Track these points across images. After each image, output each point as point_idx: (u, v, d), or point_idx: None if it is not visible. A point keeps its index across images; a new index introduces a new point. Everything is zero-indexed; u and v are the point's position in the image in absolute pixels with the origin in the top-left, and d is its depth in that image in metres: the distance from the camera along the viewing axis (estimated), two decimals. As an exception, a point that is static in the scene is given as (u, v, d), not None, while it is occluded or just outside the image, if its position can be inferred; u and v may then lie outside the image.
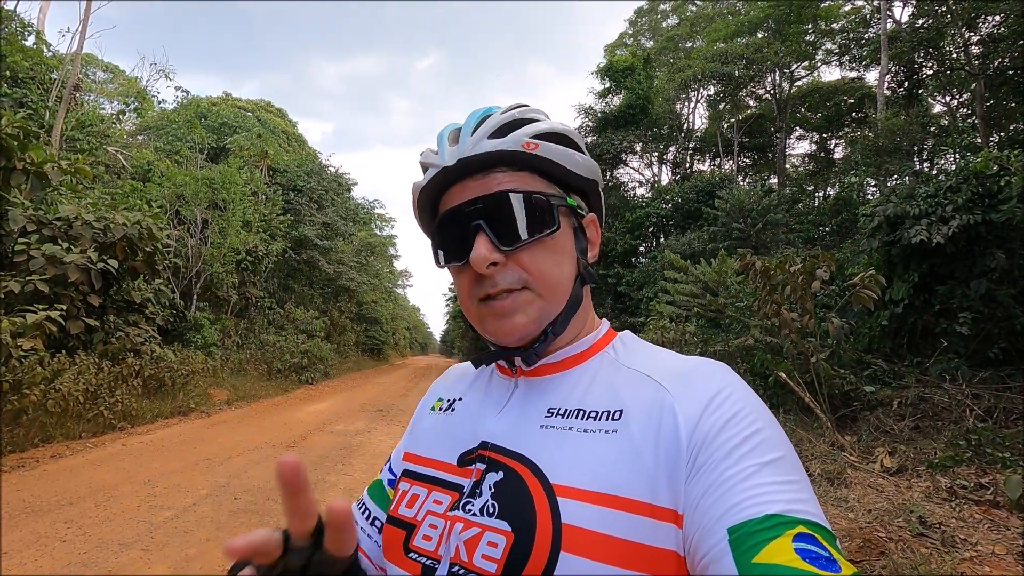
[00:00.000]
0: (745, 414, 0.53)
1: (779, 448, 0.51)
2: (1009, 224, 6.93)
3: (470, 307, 0.66)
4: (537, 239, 0.61)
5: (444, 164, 0.63)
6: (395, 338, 41.01)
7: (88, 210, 8.03)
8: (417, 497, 0.65)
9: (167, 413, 8.68)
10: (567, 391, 0.64)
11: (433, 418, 0.76)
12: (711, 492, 0.49)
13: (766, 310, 7.11)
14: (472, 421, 0.68)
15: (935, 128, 16.04)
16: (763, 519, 0.45)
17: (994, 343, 7.11)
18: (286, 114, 31.28)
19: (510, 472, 0.59)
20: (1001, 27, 13.05)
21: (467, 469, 0.63)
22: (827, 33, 20.55)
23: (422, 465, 0.69)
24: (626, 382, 0.61)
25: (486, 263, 0.60)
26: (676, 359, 0.63)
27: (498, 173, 0.63)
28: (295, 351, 15.51)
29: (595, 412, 0.59)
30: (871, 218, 8.21)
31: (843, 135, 21.86)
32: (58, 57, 14.29)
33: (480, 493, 0.59)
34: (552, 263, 0.63)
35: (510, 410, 0.66)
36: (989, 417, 6.07)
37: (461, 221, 0.62)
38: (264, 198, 17.41)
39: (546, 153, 0.63)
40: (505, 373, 0.72)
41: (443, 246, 0.66)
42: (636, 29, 31.14)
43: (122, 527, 3.99)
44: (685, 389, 0.57)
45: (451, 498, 0.61)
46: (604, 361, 0.66)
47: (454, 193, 0.65)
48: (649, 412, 0.56)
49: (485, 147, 0.62)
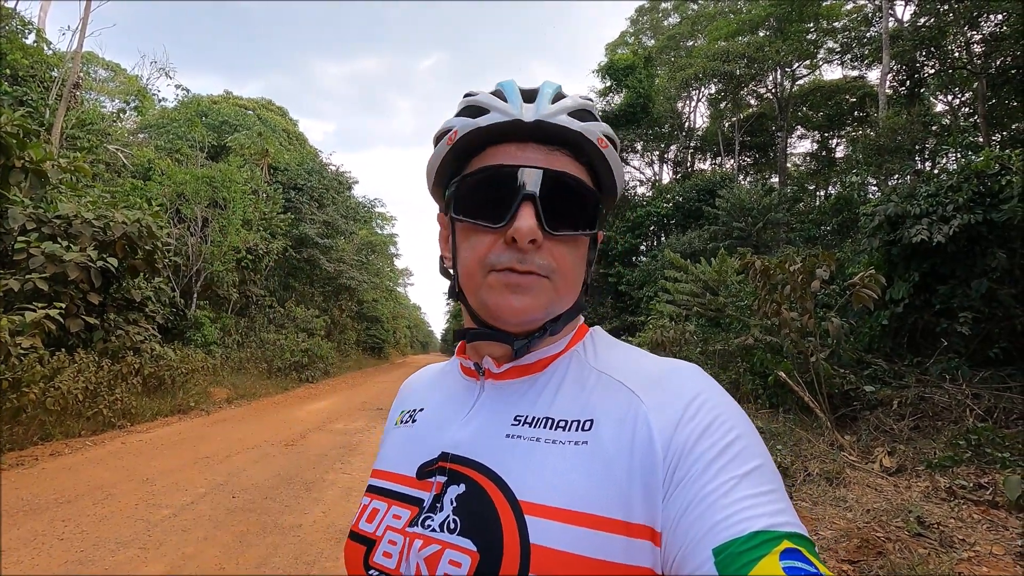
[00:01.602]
0: (721, 422, 0.52)
1: (757, 456, 0.50)
2: (1010, 223, 6.91)
3: (476, 273, 0.59)
4: (576, 235, 0.59)
5: (518, 116, 0.57)
6: (396, 337, 41.03)
7: (88, 208, 8.03)
8: (377, 512, 0.62)
9: (167, 411, 8.69)
10: (535, 396, 0.61)
11: (397, 432, 0.72)
12: (692, 509, 0.47)
13: (766, 309, 7.10)
14: (433, 430, 0.65)
15: (937, 127, 16.01)
16: (748, 537, 0.44)
17: (995, 343, 7.09)
18: (287, 113, 31.27)
19: (473, 485, 0.56)
20: (1003, 26, 13.02)
21: (427, 482, 0.60)
22: (829, 32, 20.50)
23: (384, 479, 0.66)
24: (596, 388, 0.59)
25: (531, 237, 0.55)
26: (647, 361, 0.61)
27: (564, 155, 0.59)
28: (295, 349, 15.53)
29: (564, 421, 0.57)
30: (872, 217, 8.19)
31: (844, 134, 21.82)
32: (58, 55, 14.29)
33: (441, 507, 0.56)
34: (575, 263, 0.60)
35: (474, 417, 0.62)
36: (989, 417, 6.05)
37: (511, 183, 0.57)
38: (265, 196, 17.40)
39: (610, 159, 0.61)
40: (470, 375, 0.68)
41: (473, 198, 0.59)
42: (637, 28, 31.08)
43: (120, 525, 3.99)
44: (658, 396, 0.55)
45: (410, 513, 0.59)
46: (573, 361, 0.63)
47: (508, 151, 0.59)
48: (621, 422, 0.54)
49: (565, 122, 0.58)
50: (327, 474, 5.65)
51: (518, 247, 0.56)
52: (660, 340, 10.17)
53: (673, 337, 9.85)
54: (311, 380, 15.44)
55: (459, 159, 0.63)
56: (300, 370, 15.34)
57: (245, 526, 4.07)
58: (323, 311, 20.58)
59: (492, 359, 0.63)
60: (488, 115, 0.59)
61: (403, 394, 0.80)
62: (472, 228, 0.59)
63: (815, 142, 24.28)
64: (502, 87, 0.62)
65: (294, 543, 3.79)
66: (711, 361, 9.41)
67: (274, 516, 4.32)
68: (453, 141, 0.61)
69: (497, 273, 0.57)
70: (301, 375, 15.23)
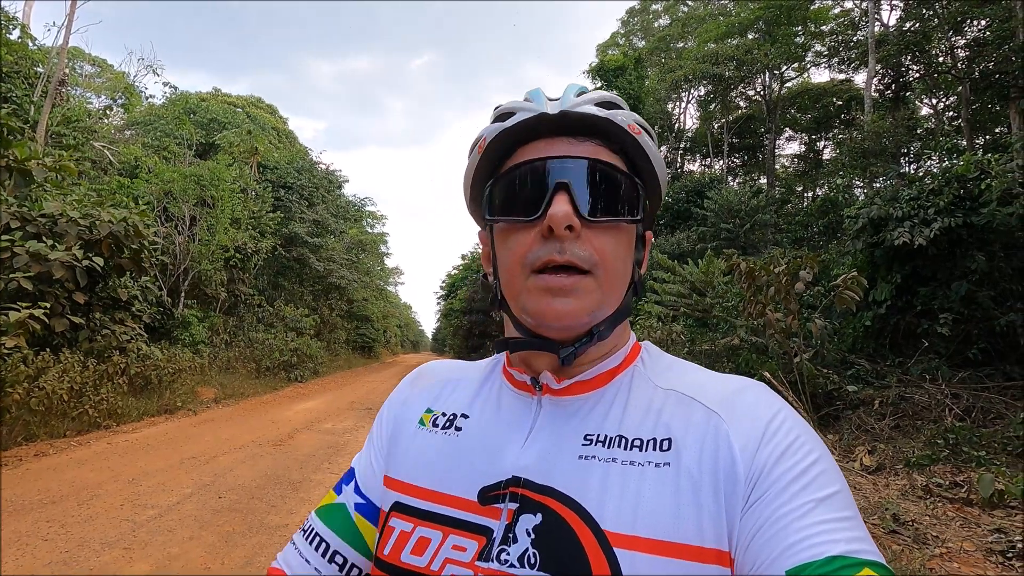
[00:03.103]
0: (801, 443, 0.50)
1: (836, 481, 0.48)
2: (989, 227, 7.05)
3: (517, 275, 0.56)
4: (615, 222, 0.56)
5: (543, 111, 0.56)
6: (386, 336, 40.93)
7: (73, 207, 7.96)
8: (428, 541, 0.54)
9: (153, 411, 8.64)
10: (602, 414, 0.57)
11: (427, 437, 0.63)
12: (766, 529, 0.45)
13: (751, 310, 7.19)
14: (489, 447, 0.58)
15: (922, 131, 16.24)
16: (825, 561, 0.42)
17: (974, 344, 7.24)
18: (277, 111, 31.09)
19: (550, 514, 0.51)
20: (986, 31, 13.22)
21: (492, 508, 0.54)
22: (817, 35, 20.73)
23: (426, 500, 0.58)
24: (667, 404, 0.56)
25: (566, 223, 0.52)
26: (712, 377, 0.59)
27: (594, 143, 0.57)
28: (284, 349, 15.47)
29: (639, 440, 0.53)
30: (855, 220, 8.32)
31: (831, 136, 22.07)
32: (44, 51, 14.13)
33: (515, 539, 0.51)
34: (619, 255, 0.56)
35: (538, 436, 0.57)
36: (967, 416, 6.18)
37: (542, 176, 0.55)
38: (254, 195, 17.31)
39: (646, 146, 0.58)
40: (523, 390, 0.62)
41: (507, 197, 0.57)
42: (628, 29, 31.21)
43: (105, 526, 3.98)
44: (737, 415, 0.52)
45: (477, 544, 0.52)
46: (635, 377, 0.60)
47: (539, 147, 0.57)
48: (703, 442, 0.51)
49: (591, 110, 0.56)
50: (315, 474, 5.66)
51: (555, 236, 0.53)
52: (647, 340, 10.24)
53: (660, 337, 9.93)
54: (300, 380, 15.39)
55: (492, 165, 0.61)
56: (289, 369, 15.29)
57: (231, 526, 4.08)
58: (313, 310, 20.51)
59: (551, 374, 0.59)
60: (515, 116, 0.58)
61: (425, 387, 0.71)
62: (509, 228, 0.57)
63: (803, 144, 24.55)
64: (529, 93, 0.61)
65: (280, 543, 3.80)
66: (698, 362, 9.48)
67: (260, 516, 4.33)
68: (483, 149, 0.60)
69: (537, 276, 0.54)
70: (290, 374, 15.17)
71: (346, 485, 0.68)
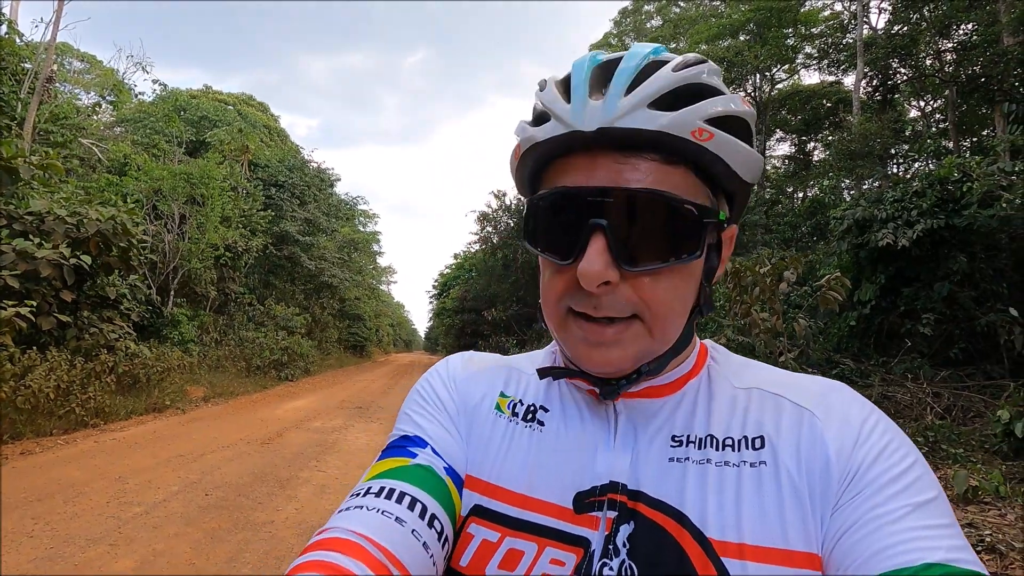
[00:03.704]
0: (896, 446, 0.47)
1: (932, 488, 0.45)
2: (971, 229, 7.18)
3: (555, 313, 0.51)
4: (664, 267, 0.47)
5: (576, 128, 0.46)
6: (378, 335, 40.89)
7: (61, 205, 7.94)
8: (521, 554, 0.49)
9: (141, 410, 8.62)
10: (686, 415, 0.53)
11: (508, 428, 0.57)
12: (857, 529, 0.43)
13: (738, 310, 7.27)
14: (578, 448, 0.53)
15: (910, 133, 16.42)
16: (922, 568, 0.40)
17: (955, 343, 7.36)
18: (268, 108, 30.98)
19: (645, 523, 0.48)
20: (973, 35, 13.40)
21: (589, 517, 0.49)
22: (807, 37, 20.92)
23: (515, 506, 0.52)
24: (753, 401, 0.53)
25: (599, 281, 0.45)
26: (792, 375, 0.55)
27: (646, 160, 0.46)
28: (275, 348, 15.45)
29: (730, 440, 0.50)
30: (841, 221, 8.44)
31: (821, 138, 22.27)
32: (31, 46, 14.02)
33: (616, 551, 0.47)
34: (675, 295, 0.49)
35: (623, 438, 0.53)
36: (948, 415, 6.29)
37: (577, 209, 0.47)
38: (244, 193, 17.26)
39: (718, 148, 0.46)
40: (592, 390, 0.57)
41: (542, 226, 0.51)
42: (621, 29, 31.33)
43: (90, 523, 3.99)
44: (831, 413, 0.49)
45: (575, 556, 0.48)
46: (712, 378, 0.56)
47: (578, 164, 0.48)
48: (798, 440, 0.48)
49: (640, 121, 0.45)
50: (302, 472, 5.68)
51: (588, 292, 0.47)
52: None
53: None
54: (290, 378, 15.36)
55: (535, 172, 0.54)
56: (279, 368, 15.27)
57: (217, 523, 4.10)
58: (304, 309, 20.48)
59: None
60: (548, 124, 0.49)
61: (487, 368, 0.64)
62: (549, 264, 0.51)
63: (793, 145, 24.73)
64: (572, 70, 0.50)
65: (265, 539, 3.83)
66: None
67: (246, 513, 4.35)
68: (519, 156, 0.53)
69: (576, 319, 0.49)
70: (280, 373, 15.15)
71: (419, 448, 0.55)
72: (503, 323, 19.94)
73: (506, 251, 20.20)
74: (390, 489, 0.50)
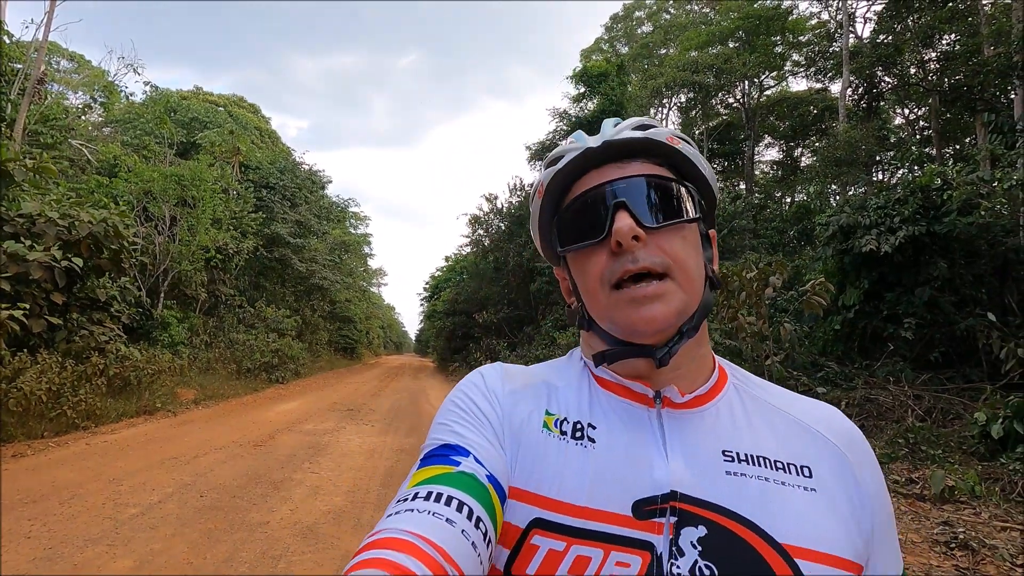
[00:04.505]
0: (883, 480, 0.60)
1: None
2: (951, 235, 7.38)
3: (599, 295, 0.59)
4: (676, 223, 0.59)
5: (588, 145, 0.62)
6: (369, 337, 40.79)
7: (52, 207, 7.93)
8: (588, 560, 0.52)
9: (132, 413, 8.61)
10: (728, 428, 0.59)
11: (559, 446, 0.59)
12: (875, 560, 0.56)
13: (724, 314, 7.41)
14: (634, 460, 0.57)
15: (894, 140, 16.73)
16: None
17: (936, 347, 7.55)
18: (259, 110, 30.90)
19: (716, 527, 0.52)
20: (955, 45, 13.70)
21: (651, 523, 0.53)
22: (794, 45, 21.26)
23: (577, 517, 0.54)
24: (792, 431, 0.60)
25: (632, 234, 0.56)
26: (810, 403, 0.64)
27: (638, 162, 0.62)
28: (265, 350, 15.41)
29: (780, 463, 0.57)
30: (826, 227, 8.61)
31: (808, 144, 22.59)
32: (21, 47, 13.93)
33: (681, 552, 0.51)
34: (689, 253, 0.59)
35: (676, 450, 0.57)
36: (928, 417, 6.45)
37: (600, 200, 0.60)
38: (235, 195, 17.22)
39: (688, 152, 0.63)
40: (638, 401, 0.61)
41: (573, 227, 0.62)
42: (612, 35, 31.61)
43: (87, 523, 4.03)
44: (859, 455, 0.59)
45: (642, 560, 0.51)
46: (738, 392, 0.64)
47: (591, 178, 0.62)
48: (840, 479, 0.57)
49: (628, 135, 0.61)
50: (295, 473, 5.73)
51: (625, 248, 0.57)
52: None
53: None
54: (281, 381, 15.34)
55: (553, 205, 0.66)
56: (270, 371, 15.24)
57: (212, 523, 4.15)
58: (294, 311, 20.43)
59: (676, 388, 0.60)
60: (564, 158, 0.64)
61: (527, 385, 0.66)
62: (582, 253, 0.61)
63: (781, 151, 25.07)
64: (573, 135, 0.66)
65: (261, 539, 3.89)
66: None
67: (241, 514, 4.41)
68: (543, 192, 0.66)
69: (620, 291, 0.57)
70: (271, 376, 15.13)
71: (462, 457, 0.56)
72: (494, 326, 20.00)
73: (497, 254, 20.25)
74: (437, 493, 0.51)
